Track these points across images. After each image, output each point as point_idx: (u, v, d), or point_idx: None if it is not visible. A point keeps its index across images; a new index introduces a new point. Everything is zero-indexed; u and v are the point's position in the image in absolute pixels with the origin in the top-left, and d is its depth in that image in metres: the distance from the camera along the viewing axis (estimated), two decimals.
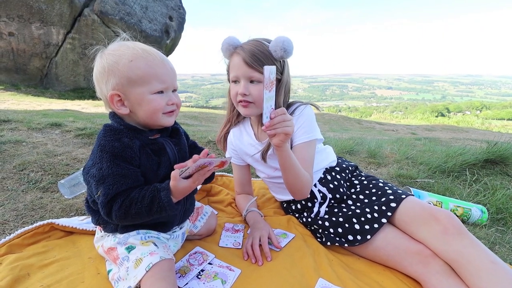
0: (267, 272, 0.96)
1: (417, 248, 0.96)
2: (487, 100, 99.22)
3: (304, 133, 1.14)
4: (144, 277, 0.75)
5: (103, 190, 0.78)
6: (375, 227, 1.03)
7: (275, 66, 0.91)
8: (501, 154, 2.12)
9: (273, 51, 1.08)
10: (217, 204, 1.44)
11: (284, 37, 1.07)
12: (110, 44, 0.87)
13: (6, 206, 1.31)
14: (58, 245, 1.05)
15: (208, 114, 6.98)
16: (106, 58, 0.83)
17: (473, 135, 5.36)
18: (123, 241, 0.86)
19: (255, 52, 1.08)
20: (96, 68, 0.85)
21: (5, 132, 2.18)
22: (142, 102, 0.83)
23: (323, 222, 1.14)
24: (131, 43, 0.87)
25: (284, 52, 1.07)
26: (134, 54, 0.82)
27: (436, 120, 10.63)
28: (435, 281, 0.89)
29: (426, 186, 1.85)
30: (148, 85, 0.83)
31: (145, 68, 0.82)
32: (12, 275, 0.86)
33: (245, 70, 1.08)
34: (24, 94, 8.21)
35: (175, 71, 0.90)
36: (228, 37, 1.14)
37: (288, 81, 1.17)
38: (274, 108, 0.90)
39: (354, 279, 0.96)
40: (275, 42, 1.07)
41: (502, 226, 1.47)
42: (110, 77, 0.82)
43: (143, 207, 0.77)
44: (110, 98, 0.83)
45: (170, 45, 12.02)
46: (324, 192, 1.20)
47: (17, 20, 8.66)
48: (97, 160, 0.80)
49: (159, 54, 0.87)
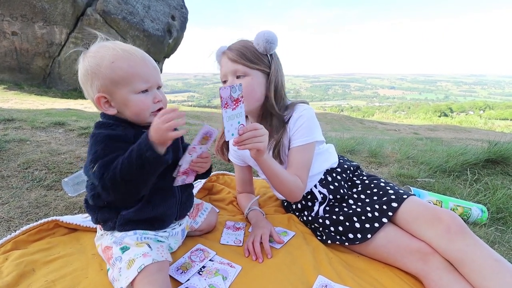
0: (267, 269, 0.97)
1: (417, 245, 0.96)
2: (490, 100, 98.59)
3: (301, 136, 1.13)
4: (136, 278, 0.75)
5: (99, 162, 0.78)
6: (376, 226, 1.03)
7: (240, 84, 0.87)
8: (502, 154, 2.12)
9: (256, 45, 1.10)
10: (219, 203, 1.45)
11: (266, 30, 1.10)
12: (91, 45, 0.88)
13: (11, 204, 1.33)
14: (62, 242, 1.07)
15: (210, 114, 7.00)
16: (88, 61, 0.84)
17: (476, 135, 5.34)
18: (118, 241, 0.86)
19: (239, 48, 1.10)
20: (80, 71, 0.86)
21: (9, 131, 2.20)
22: (127, 102, 0.85)
23: (324, 220, 1.14)
24: (111, 44, 0.86)
25: (267, 43, 1.09)
26: (115, 55, 0.83)
27: (439, 120, 10.59)
28: (435, 277, 0.90)
29: (426, 185, 1.86)
30: (131, 85, 0.84)
31: (127, 69, 0.83)
32: (17, 271, 0.87)
33: (230, 66, 1.11)
34: (27, 93, 8.27)
35: (158, 68, 0.91)
36: (218, 48, 1.17)
37: (278, 77, 1.15)
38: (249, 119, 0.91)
39: (354, 276, 0.97)
40: (257, 36, 1.10)
41: (502, 225, 1.47)
42: (94, 79, 0.83)
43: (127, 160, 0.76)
44: (97, 100, 0.85)
45: (172, 45, 12.05)
46: (324, 193, 1.21)
47: (20, 19, 8.72)
48: (91, 147, 0.82)
49: (140, 53, 0.87)
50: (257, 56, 1.11)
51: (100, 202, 0.88)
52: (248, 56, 1.10)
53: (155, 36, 10.66)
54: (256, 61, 1.11)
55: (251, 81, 1.11)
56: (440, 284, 0.89)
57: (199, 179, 1.61)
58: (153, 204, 0.90)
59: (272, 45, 1.11)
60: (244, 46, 1.11)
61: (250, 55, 1.10)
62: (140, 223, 0.89)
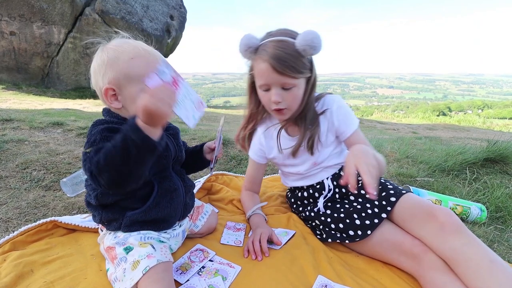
0: (267, 269, 0.97)
1: (412, 244, 0.96)
2: (488, 99, 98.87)
3: (350, 123, 1.17)
4: (140, 279, 0.76)
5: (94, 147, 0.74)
6: (376, 222, 1.03)
7: (165, 61, 0.78)
8: (501, 153, 2.12)
9: (302, 50, 1.00)
10: (218, 202, 1.45)
11: (312, 33, 0.99)
12: (113, 39, 0.88)
13: (9, 204, 1.32)
14: (61, 242, 1.06)
15: (209, 113, 6.99)
16: (107, 52, 0.84)
17: (474, 134, 5.35)
18: (122, 241, 0.86)
19: (283, 57, 0.99)
20: (95, 60, 0.86)
21: (7, 131, 2.19)
22: (135, 99, 0.83)
23: (326, 218, 1.14)
24: (134, 42, 0.88)
25: (313, 50, 1.01)
26: (135, 52, 0.84)
27: (437, 119, 10.61)
28: (429, 278, 0.89)
29: (426, 184, 1.86)
30: (143, 84, 0.83)
31: (144, 67, 0.83)
32: (16, 272, 0.87)
33: (276, 78, 1.02)
34: (26, 93, 8.25)
35: None
36: (244, 36, 1.06)
37: (316, 76, 1.13)
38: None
39: (353, 276, 0.97)
40: (303, 41, 0.99)
41: (501, 224, 1.47)
42: (108, 70, 0.83)
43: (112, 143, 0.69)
44: (105, 92, 0.85)
45: (171, 44, 12.03)
46: (331, 188, 1.21)
47: (19, 19, 8.70)
48: (88, 138, 0.81)
49: (160, 57, 0.88)
50: (303, 65, 1.03)
51: (104, 201, 0.87)
52: (296, 68, 1.01)
53: (153, 35, 10.64)
54: (302, 71, 1.04)
55: (298, 91, 1.07)
56: (434, 284, 0.88)
57: (197, 180, 1.61)
58: (161, 205, 0.90)
59: (318, 51, 1.02)
60: (287, 53, 1.00)
61: (297, 65, 1.01)
62: (145, 224, 0.89)
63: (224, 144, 2.29)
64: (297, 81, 1.04)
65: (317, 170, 1.25)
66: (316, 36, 0.99)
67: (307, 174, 1.27)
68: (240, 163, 1.99)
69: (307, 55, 1.03)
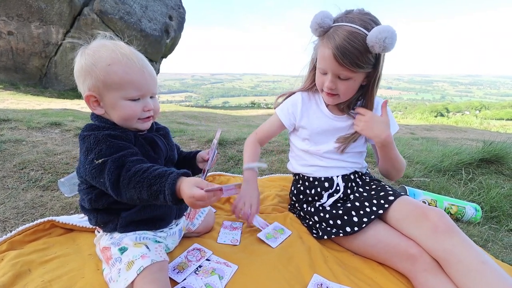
0: (264, 267, 0.98)
1: (406, 245, 0.96)
2: (486, 100, 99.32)
3: (393, 124, 1.22)
4: (135, 280, 0.76)
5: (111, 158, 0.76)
6: (372, 218, 1.04)
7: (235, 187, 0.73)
8: (496, 153, 2.14)
9: (370, 46, 0.97)
10: (215, 202, 1.46)
11: (387, 31, 0.93)
12: (92, 41, 0.86)
13: (7, 204, 1.32)
14: (59, 242, 1.07)
15: (207, 114, 6.99)
16: (85, 58, 0.83)
17: (471, 135, 5.38)
18: (117, 242, 0.86)
19: (348, 50, 0.97)
20: (76, 66, 0.85)
21: (5, 131, 2.19)
22: (115, 106, 0.84)
23: (325, 214, 1.15)
24: (112, 45, 0.84)
25: (382, 49, 0.96)
26: (112, 58, 0.81)
27: (435, 120, 10.65)
28: (422, 279, 0.90)
29: (422, 185, 1.87)
30: (123, 91, 0.83)
31: (122, 74, 0.81)
32: (13, 271, 0.87)
33: (335, 67, 1.03)
34: (24, 93, 8.21)
35: (155, 76, 0.89)
36: (319, 13, 1.03)
37: (381, 74, 1.11)
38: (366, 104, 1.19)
39: (349, 275, 0.98)
40: (375, 38, 0.94)
41: (496, 224, 1.49)
42: (87, 77, 0.82)
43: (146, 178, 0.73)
44: (86, 99, 0.84)
45: (170, 45, 12.02)
46: (340, 188, 1.22)
47: (17, 19, 8.66)
48: (92, 146, 0.79)
49: (139, 60, 0.85)
50: (366, 60, 1.01)
51: (98, 204, 0.87)
52: (358, 63, 1.00)
53: (152, 36, 10.63)
54: (363, 66, 1.02)
55: (353, 83, 1.09)
56: (426, 286, 0.89)
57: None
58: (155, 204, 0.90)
59: (388, 50, 0.98)
60: (355, 48, 0.97)
61: (359, 60, 0.99)
62: (141, 223, 0.90)
63: (222, 144, 2.30)
64: (355, 74, 1.05)
65: (331, 162, 1.26)
66: (390, 36, 0.94)
67: (321, 162, 1.26)
68: (237, 164, 2.00)
69: (374, 52, 0.99)
